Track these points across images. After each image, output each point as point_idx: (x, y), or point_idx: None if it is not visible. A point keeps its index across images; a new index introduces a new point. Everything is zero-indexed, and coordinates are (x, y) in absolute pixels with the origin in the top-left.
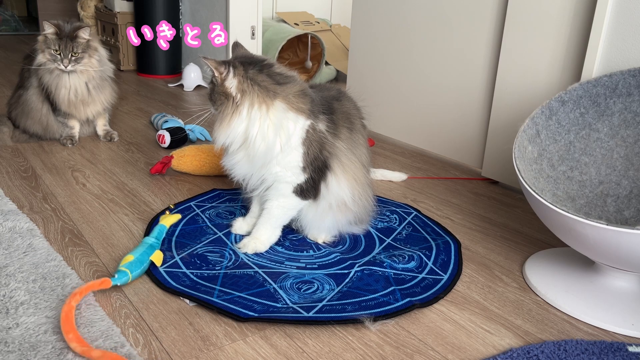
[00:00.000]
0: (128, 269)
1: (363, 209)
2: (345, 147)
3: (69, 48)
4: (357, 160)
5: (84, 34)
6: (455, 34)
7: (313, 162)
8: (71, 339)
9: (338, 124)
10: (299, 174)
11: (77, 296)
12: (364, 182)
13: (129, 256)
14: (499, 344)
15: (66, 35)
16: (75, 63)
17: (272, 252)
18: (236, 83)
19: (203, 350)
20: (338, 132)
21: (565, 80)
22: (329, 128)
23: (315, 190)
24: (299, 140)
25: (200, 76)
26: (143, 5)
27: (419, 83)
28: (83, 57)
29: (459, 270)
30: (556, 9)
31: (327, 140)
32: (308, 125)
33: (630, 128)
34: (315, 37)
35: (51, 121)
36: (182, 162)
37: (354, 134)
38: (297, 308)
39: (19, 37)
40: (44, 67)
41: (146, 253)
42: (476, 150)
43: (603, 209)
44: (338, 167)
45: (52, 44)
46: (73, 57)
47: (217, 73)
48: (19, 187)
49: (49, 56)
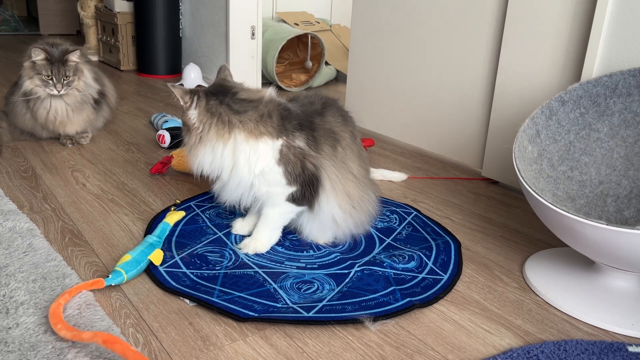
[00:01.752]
0: (123, 269)
1: (362, 217)
2: (330, 165)
3: (62, 72)
4: (348, 175)
5: (74, 57)
6: (455, 34)
7: (298, 177)
8: (60, 328)
9: (319, 141)
10: (287, 187)
11: (67, 295)
12: (358, 195)
13: (126, 255)
14: (499, 344)
15: (57, 59)
16: (67, 87)
17: (272, 252)
18: (197, 114)
19: (203, 350)
20: (319, 149)
21: (565, 80)
22: (309, 143)
23: (308, 200)
24: (273, 160)
25: (200, 76)
26: (143, 5)
27: (419, 83)
28: (73, 80)
29: (459, 270)
30: (556, 9)
31: (310, 154)
32: (280, 145)
33: (630, 128)
34: (315, 37)
35: (37, 127)
36: (182, 162)
37: (339, 150)
38: (297, 308)
39: (19, 37)
40: (33, 97)
41: (144, 252)
42: (476, 150)
43: (603, 209)
44: (328, 183)
45: (42, 69)
46: (65, 80)
47: (182, 102)
48: (19, 187)
49: (39, 82)
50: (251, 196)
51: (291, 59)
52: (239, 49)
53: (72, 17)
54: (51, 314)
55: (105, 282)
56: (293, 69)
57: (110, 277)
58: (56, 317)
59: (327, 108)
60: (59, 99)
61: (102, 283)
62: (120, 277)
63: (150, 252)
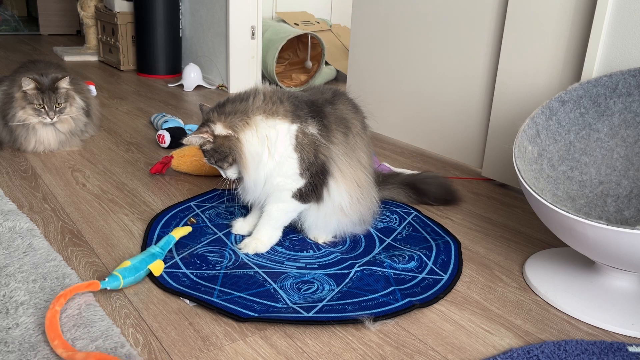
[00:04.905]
0: (120, 274)
1: (367, 210)
2: (342, 152)
3: (53, 100)
4: (358, 163)
5: (64, 83)
6: (455, 33)
7: (310, 167)
8: (57, 345)
9: (330, 128)
10: (298, 180)
11: (62, 299)
12: (366, 185)
13: (126, 262)
14: (499, 344)
15: (47, 87)
16: (59, 114)
17: (272, 252)
18: (222, 126)
19: (203, 350)
20: (331, 137)
21: (565, 80)
22: (321, 131)
23: (315, 194)
24: (290, 147)
25: (200, 76)
26: (143, 5)
27: (419, 83)
28: (65, 107)
29: (459, 270)
30: (556, 9)
31: (321, 144)
32: (295, 130)
33: (630, 128)
34: (315, 37)
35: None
36: (182, 162)
37: (351, 137)
38: (297, 308)
39: (19, 37)
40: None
41: (145, 261)
42: (476, 150)
43: (603, 209)
44: (337, 172)
45: (33, 98)
46: (57, 107)
47: (207, 135)
48: (19, 187)
49: (32, 111)
50: (265, 191)
51: (291, 59)
52: (239, 49)
53: (72, 17)
54: (48, 325)
55: (101, 284)
56: (293, 69)
57: (107, 280)
58: (54, 330)
59: (338, 97)
60: (51, 128)
61: (97, 285)
62: (117, 281)
63: (151, 262)
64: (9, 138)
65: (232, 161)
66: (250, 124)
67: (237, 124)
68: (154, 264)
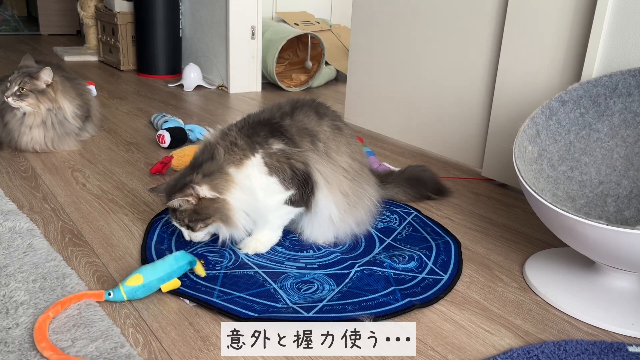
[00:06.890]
0: (126, 294)
1: (362, 215)
2: (317, 157)
3: (17, 83)
4: (339, 168)
5: (45, 75)
6: (455, 34)
7: (292, 180)
8: (44, 347)
9: (295, 140)
10: (286, 192)
11: (59, 307)
12: (351, 191)
13: (138, 276)
14: (499, 344)
15: (25, 73)
16: (18, 99)
17: (272, 252)
18: (207, 187)
19: (203, 351)
20: (299, 146)
21: (565, 80)
22: (287, 144)
23: (304, 202)
24: (265, 175)
25: (200, 76)
26: (143, 5)
27: (419, 83)
28: (28, 97)
29: (459, 270)
30: (556, 9)
31: (293, 152)
32: (260, 158)
33: (630, 128)
34: (315, 37)
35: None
36: (182, 162)
37: (320, 145)
38: (297, 308)
39: (19, 37)
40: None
41: (160, 280)
42: (476, 150)
43: (603, 209)
44: (321, 180)
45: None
46: (18, 92)
47: (191, 199)
48: (19, 187)
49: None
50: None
51: (291, 59)
52: (239, 49)
53: (72, 17)
54: (37, 327)
55: (105, 296)
56: (293, 69)
57: (112, 295)
58: (41, 333)
59: (298, 108)
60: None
61: (101, 296)
62: (120, 299)
63: (166, 281)
64: (8, 138)
65: (211, 222)
66: (229, 180)
67: (220, 185)
68: (169, 283)
